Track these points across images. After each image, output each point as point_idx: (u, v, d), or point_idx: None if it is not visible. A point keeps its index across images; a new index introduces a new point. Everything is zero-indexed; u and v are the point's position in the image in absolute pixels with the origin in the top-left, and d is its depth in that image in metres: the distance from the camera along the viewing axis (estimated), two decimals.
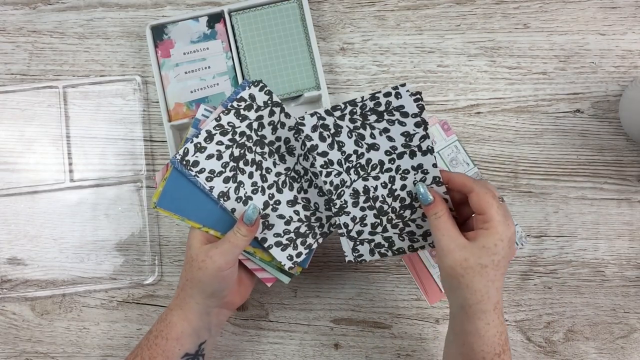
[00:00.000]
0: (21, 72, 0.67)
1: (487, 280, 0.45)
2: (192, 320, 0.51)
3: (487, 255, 0.45)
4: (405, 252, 0.55)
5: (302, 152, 0.55)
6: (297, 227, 0.56)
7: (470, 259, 0.45)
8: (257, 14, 0.64)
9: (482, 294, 0.45)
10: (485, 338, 0.46)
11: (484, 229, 0.46)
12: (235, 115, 0.54)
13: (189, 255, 0.51)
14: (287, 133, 0.55)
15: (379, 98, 0.51)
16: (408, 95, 0.51)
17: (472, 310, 0.46)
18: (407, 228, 0.54)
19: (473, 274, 0.45)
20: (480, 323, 0.46)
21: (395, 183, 0.53)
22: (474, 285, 0.45)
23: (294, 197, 0.55)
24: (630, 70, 0.66)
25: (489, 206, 0.46)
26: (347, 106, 0.52)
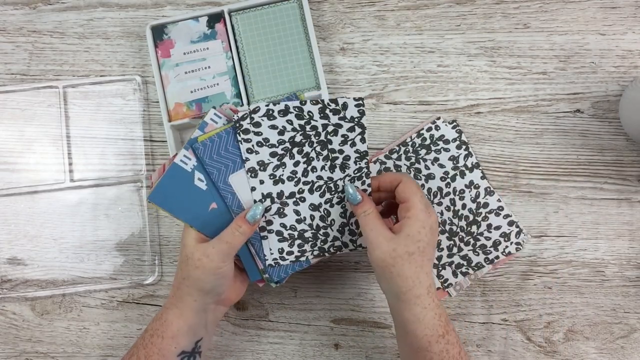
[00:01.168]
0: (21, 72, 0.67)
1: (416, 266, 0.48)
2: (188, 318, 0.51)
3: (412, 242, 0.48)
4: (483, 266, 0.61)
5: (353, 175, 0.55)
6: (304, 230, 0.56)
7: (397, 249, 0.48)
8: (257, 14, 0.64)
9: (413, 279, 0.48)
10: (425, 322, 0.48)
11: (406, 218, 0.49)
12: (320, 110, 0.54)
13: (184, 253, 0.51)
14: (353, 153, 0.55)
15: (423, 134, 0.63)
16: (444, 125, 0.63)
17: (406, 297, 0.48)
18: (478, 242, 0.61)
19: (402, 262, 0.47)
20: (417, 308, 0.48)
21: (456, 204, 0.61)
22: (405, 273, 0.47)
23: (319, 204, 0.56)
24: (630, 70, 0.66)
25: (413, 194, 0.49)
26: (400, 148, 0.64)
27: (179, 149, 0.64)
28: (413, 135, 0.64)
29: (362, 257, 0.65)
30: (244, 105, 0.64)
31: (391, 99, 0.66)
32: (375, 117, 0.66)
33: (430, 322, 0.48)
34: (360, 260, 0.65)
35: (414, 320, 0.48)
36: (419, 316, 0.48)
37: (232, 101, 0.64)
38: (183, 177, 0.52)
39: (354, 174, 0.55)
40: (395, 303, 0.49)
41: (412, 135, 0.64)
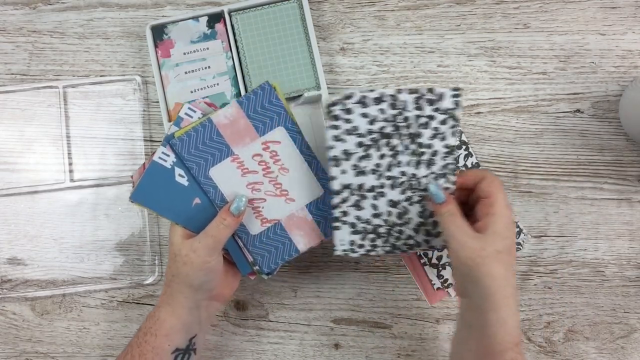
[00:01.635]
0: (21, 72, 0.67)
1: (505, 265, 0.46)
2: (181, 315, 0.51)
3: (500, 240, 0.46)
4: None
5: (437, 173, 0.53)
6: (379, 225, 0.54)
7: (486, 247, 0.46)
8: (257, 14, 0.64)
9: (503, 279, 0.46)
10: (508, 325, 0.46)
11: (490, 215, 0.47)
12: (415, 100, 0.51)
13: (172, 251, 0.51)
14: (442, 148, 0.52)
15: None
16: None
17: (495, 298, 0.46)
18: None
19: (491, 261, 0.45)
20: (504, 310, 0.46)
21: None
22: (494, 272, 0.45)
23: (398, 201, 0.54)
24: (630, 70, 0.66)
25: (498, 190, 0.47)
26: None
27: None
28: None
29: (362, 257, 0.65)
30: None
31: None
32: None
33: (513, 327, 0.46)
34: (360, 260, 0.65)
35: (498, 323, 0.45)
36: (505, 319, 0.45)
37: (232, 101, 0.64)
38: (164, 174, 0.52)
39: (439, 171, 0.53)
40: (481, 304, 0.46)
41: None
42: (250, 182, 0.54)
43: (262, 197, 0.54)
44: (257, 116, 0.53)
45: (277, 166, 0.54)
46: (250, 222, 0.54)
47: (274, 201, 0.54)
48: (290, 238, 0.56)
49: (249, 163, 0.54)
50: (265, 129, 0.53)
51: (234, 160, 0.53)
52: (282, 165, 0.54)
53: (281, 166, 0.54)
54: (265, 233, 0.55)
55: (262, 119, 0.53)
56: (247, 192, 0.54)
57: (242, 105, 0.53)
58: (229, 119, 0.53)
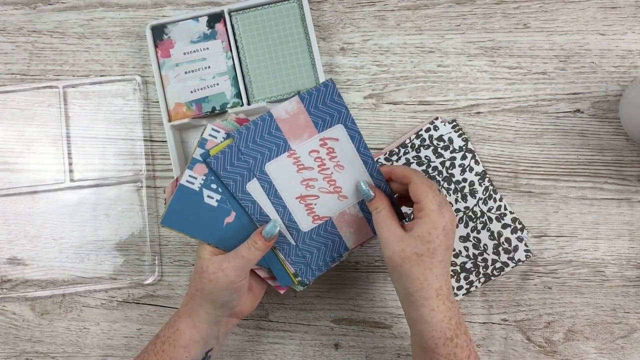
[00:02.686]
0: (21, 72, 0.67)
1: (424, 268, 0.47)
2: (201, 329, 0.51)
3: (421, 244, 0.47)
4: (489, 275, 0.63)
5: (483, 197, 0.63)
6: (464, 262, 0.63)
7: (406, 249, 0.47)
8: (257, 14, 0.64)
9: (421, 281, 0.47)
10: (432, 324, 0.47)
11: (418, 218, 0.48)
12: (433, 151, 0.63)
13: (199, 265, 0.50)
14: (474, 177, 0.63)
15: (422, 135, 0.65)
16: (443, 125, 0.64)
17: (414, 298, 0.47)
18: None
19: (410, 263, 0.47)
20: (424, 310, 0.47)
21: None
22: (413, 274, 0.47)
23: (467, 235, 0.63)
24: (630, 70, 0.66)
25: (424, 195, 0.48)
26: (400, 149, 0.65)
27: (179, 149, 0.65)
28: (412, 136, 0.64)
29: (362, 257, 0.65)
30: (244, 105, 0.64)
31: (391, 99, 0.66)
32: (375, 117, 0.66)
33: (438, 325, 0.47)
34: (360, 260, 0.65)
35: (421, 321, 0.48)
36: (427, 318, 0.47)
37: (232, 101, 0.64)
38: (192, 197, 0.52)
39: (483, 195, 0.63)
40: (404, 302, 0.49)
41: (411, 137, 0.65)
42: (305, 179, 0.53)
43: (315, 194, 0.54)
44: (318, 112, 0.52)
45: (333, 163, 0.53)
46: (302, 218, 0.54)
47: (327, 198, 0.54)
48: (340, 235, 0.55)
49: (305, 159, 0.53)
50: (324, 125, 0.52)
51: (290, 156, 0.52)
52: (337, 162, 0.53)
53: (337, 163, 0.53)
54: (315, 230, 0.54)
55: (322, 115, 0.52)
56: (302, 189, 0.53)
57: (304, 101, 0.52)
58: (289, 114, 0.52)
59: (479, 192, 0.64)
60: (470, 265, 0.63)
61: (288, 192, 0.53)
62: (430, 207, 0.47)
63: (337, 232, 0.55)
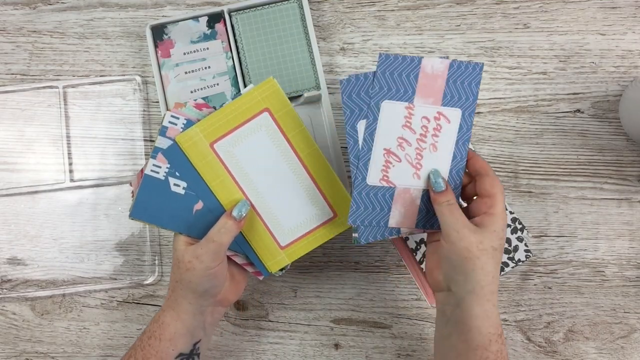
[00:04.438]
0: (21, 72, 0.67)
1: (496, 263, 0.47)
2: (185, 320, 0.51)
3: (497, 239, 0.47)
4: None
5: None
6: None
7: (484, 242, 0.47)
8: (257, 14, 0.64)
9: (493, 275, 0.47)
10: (492, 319, 0.47)
11: (489, 214, 0.48)
12: None
13: (175, 257, 0.51)
14: None
15: None
16: None
17: (483, 292, 0.47)
18: None
19: (487, 256, 0.47)
20: (488, 305, 0.47)
21: None
22: (488, 267, 0.47)
23: None
24: (630, 70, 0.66)
25: (499, 191, 0.48)
26: None
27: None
28: None
29: (362, 257, 0.65)
30: None
31: None
32: None
33: (495, 321, 0.47)
34: (360, 260, 0.65)
35: (483, 317, 0.47)
36: (489, 313, 0.47)
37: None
38: (158, 187, 0.51)
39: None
40: (467, 297, 0.47)
41: None
42: (402, 137, 0.52)
43: (399, 157, 0.52)
44: (453, 86, 0.51)
45: (432, 140, 0.52)
46: (374, 170, 0.52)
47: (406, 167, 0.52)
48: (390, 208, 0.53)
49: (415, 120, 0.52)
50: (450, 101, 0.52)
51: (407, 108, 0.51)
52: (435, 142, 0.52)
53: (434, 142, 0.52)
54: (374, 190, 0.52)
55: (454, 92, 0.52)
56: (394, 144, 0.52)
57: (451, 69, 0.51)
58: (433, 72, 0.51)
59: None
60: None
61: (382, 139, 0.51)
62: (501, 205, 0.48)
63: (389, 205, 0.53)
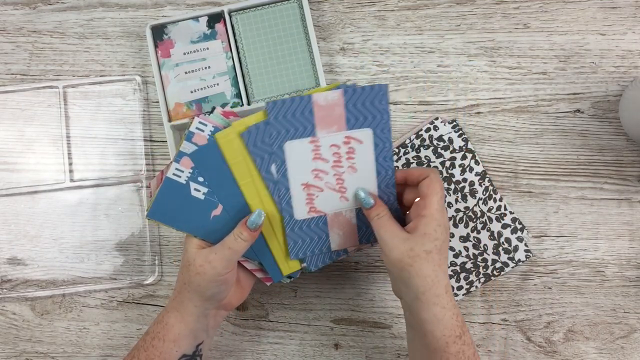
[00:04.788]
0: (21, 72, 0.67)
1: (434, 265, 0.47)
2: (189, 322, 0.51)
3: (429, 241, 0.47)
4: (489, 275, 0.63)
5: (483, 197, 0.63)
6: (464, 262, 0.63)
7: (415, 248, 0.47)
8: (257, 14, 0.64)
9: (432, 278, 0.47)
10: (444, 321, 0.47)
11: (422, 216, 0.48)
12: (433, 152, 0.64)
13: (186, 258, 0.50)
14: (474, 177, 0.64)
15: (422, 135, 0.65)
16: (442, 125, 0.64)
17: (426, 297, 0.47)
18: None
19: (420, 261, 0.47)
20: (436, 308, 0.47)
21: None
22: (424, 272, 0.47)
23: (467, 235, 0.63)
24: (630, 70, 0.66)
25: (434, 192, 0.48)
26: (400, 149, 0.64)
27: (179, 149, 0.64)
28: (412, 136, 0.65)
29: (362, 258, 0.65)
30: (244, 105, 0.64)
31: (391, 99, 0.66)
32: None
33: (449, 322, 0.47)
34: (360, 260, 0.65)
35: (432, 321, 0.47)
36: (438, 316, 0.47)
37: (232, 101, 0.64)
38: (179, 190, 0.52)
39: (483, 195, 0.64)
40: (413, 303, 0.48)
41: (411, 137, 0.65)
42: (317, 169, 0.53)
43: (320, 187, 0.53)
44: (355, 110, 0.52)
45: (348, 163, 0.53)
46: (299, 206, 0.53)
47: (330, 195, 0.53)
48: (328, 234, 0.55)
49: (324, 150, 0.52)
50: (355, 124, 0.52)
51: (312, 142, 0.52)
52: (352, 164, 0.53)
53: (352, 165, 0.53)
54: (307, 222, 0.54)
55: (358, 115, 0.52)
56: (310, 177, 0.53)
57: (346, 95, 0.52)
58: (328, 103, 0.52)
59: (479, 192, 0.64)
60: (470, 265, 0.63)
61: (296, 176, 0.52)
62: (435, 206, 0.48)
63: (326, 231, 0.54)
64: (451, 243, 0.63)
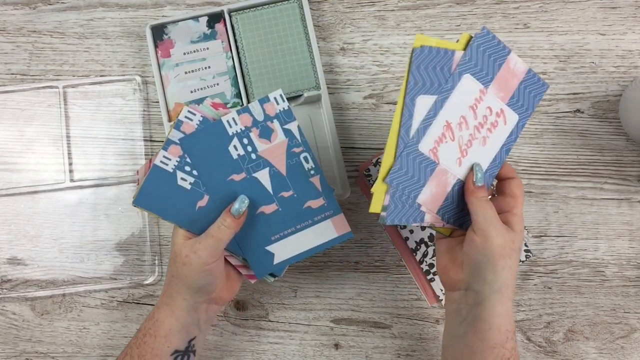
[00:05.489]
0: (21, 72, 0.67)
1: (517, 263, 0.48)
2: (179, 317, 0.51)
3: (520, 240, 0.48)
4: None
5: None
6: None
7: (515, 241, 0.48)
8: (257, 14, 0.64)
9: (514, 274, 0.48)
10: (510, 317, 0.48)
11: (514, 214, 0.49)
12: None
13: (173, 251, 0.51)
14: None
15: None
16: None
17: (507, 291, 0.47)
18: None
19: (516, 256, 0.48)
20: (509, 303, 0.48)
21: None
22: (514, 267, 0.48)
23: None
24: (630, 70, 0.66)
25: (522, 194, 0.50)
26: None
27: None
28: None
29: (362, 257, 0.65)
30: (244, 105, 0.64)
31: (391, 99, 0.66)
32: (375, 117, 0.66)
33: (512, 319, 0.48)
34: (360, 260, 0.65)
35: (504, 315, 0.47)
36: (509, 311, 0.48)
37: (232, 101, 0.64)
38: (166, 179, 0.52)
39: None
40: (492, 296, 0.47)
41: None
42: (465, 116, 0.51)
43: (453, 136, 0.51)
44: (522, 92, 0.52)
45: (485, 134, 0.52)
46: (429, 138, 0.50)
47: (455, 148, 0.51)
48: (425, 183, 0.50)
49: (481, 105, 0.51)
50: (514, 104, 0.52)
51: (481, 91, 0.51)
52: (487, 136, 0.52)
53: (486, 136, 0.52)
54: (420, 157, 0.50)
55: (520, 97, 0.52)
56: (455, 120, 0.50)
57: (528, 74, 0.52)
58: (513, 69, 0.52)
59: None
60: None
61: (448, 110, 0.50)
62: (522, 208, 0.50)
63: (425, 178, 0.50)
64: None
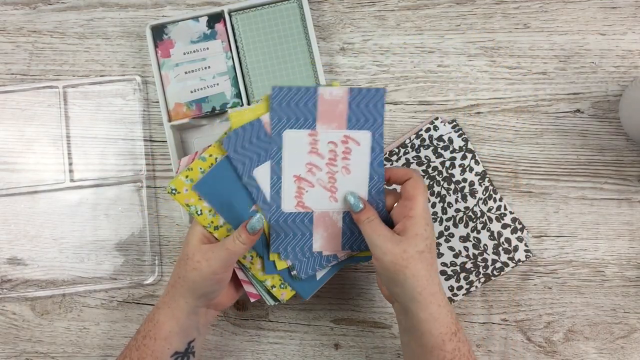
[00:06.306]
0: (21, 72, 0.67)
1: (427, 264, 0.48)
2: (179, 319, 0.51)
3: (421, 241, 0.47)
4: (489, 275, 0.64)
5: (483, 197, 0.63)
6: (464, 262, 0.63)
7: (408, 249, 0.47)
8: (257, 14, 0.64)
9: (427, 277, 0.47)
10: (440, 319, 0.47)
11: (408, 217, 0.48)
12: (433, 151, 0.64)
13: (185, 252, 0.50)
14: (474, 177, 0.64)
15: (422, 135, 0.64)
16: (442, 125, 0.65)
17: (423, 296, 0.47)
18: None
19: (415, 262, 0.47)
20: (433, 306, 0.47)
21: None
22: (419, 272, 0.47)
23: (467, 235, 0.63)
24: (630, 70, 0.66)
25: (420, 193, 0.49)
26: (400, 149, 0.64)
27: (179, 149, 0.65)
28: (412, 136, 0.65)
29: None
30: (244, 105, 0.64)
31: (391, 99, 0.66)
32: None
33: (445, 320, 0.47)
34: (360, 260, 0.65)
35: (430, 319, 0.47)
36: (435, 314, 0.47)
37: (232, 101, 0.64)
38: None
39: (483, 195, 0.63)
40: (410, 305, 0.48)
41: (411, 137, 0.65)
42: (311, 163, 0.52)
43: (312, 182, 0.53)
44: (357, 110, 0.52)
45: (343, 163, 0.53)
46: (288, 198, 0.53)
47: (320, 192, 0.53)
48: (311, 233, 0.54)
49: (321, 145, 0.52)
50: (356, 125, 0.52)
51: (311, 135, 0.52)
52: (347, 165, 0.53)
53: (346, 165, 0.53)
54: (293, 215, 0.53)
55: (359, 115, 0.52)
56: (303, 170, 0.52)
57: (351, 94, 0.52)
58: (332, 98, 0.52)
59: (479, 192, 0.64)
60: (470, 265, 0.63)
61: (290, 167, 0.52)
62: (421, 206, 0.49)
63: (310, 229, 0.54)
64: (451, 243, 0.63)
